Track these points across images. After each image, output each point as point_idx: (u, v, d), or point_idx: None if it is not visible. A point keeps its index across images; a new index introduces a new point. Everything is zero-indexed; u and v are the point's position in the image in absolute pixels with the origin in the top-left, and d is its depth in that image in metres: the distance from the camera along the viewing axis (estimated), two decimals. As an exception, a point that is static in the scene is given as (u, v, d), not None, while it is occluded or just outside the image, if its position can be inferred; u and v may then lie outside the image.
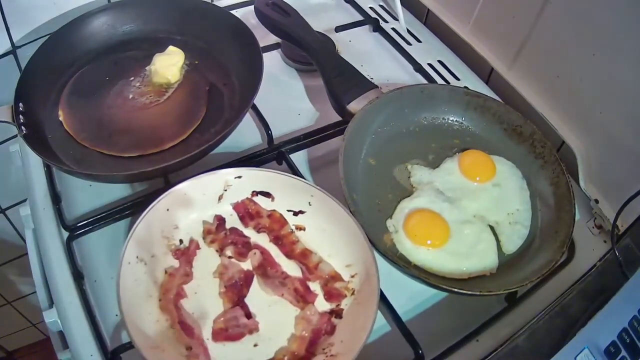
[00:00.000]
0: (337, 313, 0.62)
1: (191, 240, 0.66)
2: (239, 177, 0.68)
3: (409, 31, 1.05)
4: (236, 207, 0.69)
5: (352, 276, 0.64)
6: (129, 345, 0.57)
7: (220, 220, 0.68)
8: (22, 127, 0.68)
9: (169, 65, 0.80)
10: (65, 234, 0.68)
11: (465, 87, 0.91)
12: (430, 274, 0.65)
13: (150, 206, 0.62)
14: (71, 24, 0.81)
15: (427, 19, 1.10)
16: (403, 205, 0.72)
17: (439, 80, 0.95)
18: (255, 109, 0.80)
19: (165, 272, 0.63)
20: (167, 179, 0.72)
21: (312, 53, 0.83)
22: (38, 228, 0.71)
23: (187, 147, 0.75)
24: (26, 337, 1.52)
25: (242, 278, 0.64)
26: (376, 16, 1.07)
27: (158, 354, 0.55)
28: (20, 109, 0.70)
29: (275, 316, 0.62)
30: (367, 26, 1.05)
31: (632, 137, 0.72)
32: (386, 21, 1.07)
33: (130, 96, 0.78)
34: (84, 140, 0.73)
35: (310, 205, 0.68)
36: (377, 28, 1.04)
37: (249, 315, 0.61)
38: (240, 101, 0.80)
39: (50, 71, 0.79)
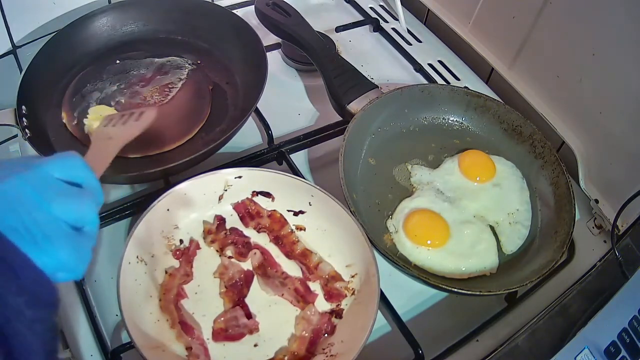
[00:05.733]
0: (337, 313, 0.62)
1: (191, 240, 0.66)
2: (239, 177, 0.68)
3: (409, 31, 1.05)
4: (236, 207, 0.69)
5: (352, 276, 0.64)
6: (129, 345, 0.57)
7: (220, 220, 0.68)
8: (26, 130, 0.68)
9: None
10: (66, 234, 0.68)
11: (466, 87, 0.91)
12: (430, 274, 0.65)
13: (151, 206, 0.62)
14: (72, 26, 0.81)
15: (427, 19, 1.10)
16: (403, 205, 0.72)
17: (439, 80, 0.95)
18: (255, 109, 0.80)
19: (166, 272, 0.63)
20: (167, 179, 0.72)
21: (312, 53, 0.83)
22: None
23: (192, 147, 0.74)
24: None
25: (243, 278, 0.64)
26: (376, 16, 1.07)
27: (158, 354, 0.55)
28: (23, 111, 0.70)
29: (276, 316, 0.62)
30: (367, 26, 1.05)
31: (632, 137, 0.72)
32: (386, 21, 1.07)
33: (133, 97, 0.78)
34: (88, 141, 0.73)
35: (310, 205, 0.68)
36: (378, 28, 1.04)
37: (249, 315, 0.61)
38: (244, 100, 0.81)
39: (52, 73, 0.79)
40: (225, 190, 0.68)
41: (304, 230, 0.69)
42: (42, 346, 0.36)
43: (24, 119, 0.69)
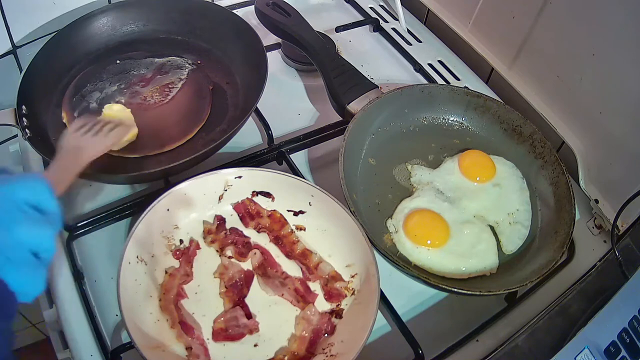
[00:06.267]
0: (337, 313, 0.62)
1: (191, 240, 0.66)
2: (239, 177, 0.68)
3: (409, 31, 1.05)
4: (236, 207, 0.69)
5: (352, 276, 0.64)
6: (129, 345, 0.57)
7: (220, 220, 0.68)
8: (26, 130, 0.68)
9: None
10: (66, 234, 0.68)
11: (466, 87, 0.91)
12: (430, 274, 0.65)
13: (151, 206, 0.62)
14: (72, 26, 0.81)
15: (427, 19, 1.10)
16: (403, 205, 0.72)
17: (439, 80, 0.95)
18: (255, 109, 0.80)
19: (166, 272, 0.63)
20: (167, 179, 0.72)
21: (313, 53, 0.83)
22: (38, 228, 0.71)
23: (192, 147, 0.74)
24: (26, 337, 1.52)
25: (243, 278, 0.64)
26: (376, 16, 1.07)
27: (158, 354, 0.55)
28: (24, 111, 0.70)
29: (276, 316, 0.62)
30: (367, 26, 1.05)
31: (632, 137, 0.72)
32: (386, 21, 1.07)
33: (133, 97, 0.78)
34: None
35: (310, 205, 0.68)
36: (378, 28, 1.04)
37: (249, 315, 0.61)
38: (244, 100, 0.81)
39: (52, 73, 0.79)
40: (225, 190, 0.68)
41: (304, 230, 0.69)
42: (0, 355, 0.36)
43: (24, 119, 0.69)
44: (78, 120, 0.63)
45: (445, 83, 0.94)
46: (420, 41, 1.03)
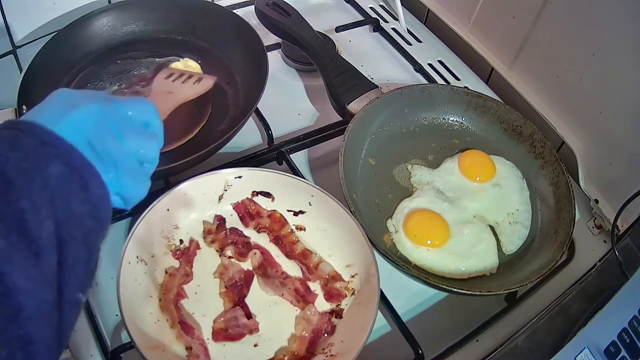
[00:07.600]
0: (337, 313, 0.62)
1: (191, 240, 0.66)
2: (239, 177, 0.68)
3: (409, 31, 1.05)
4: (236, 207, 0.69)
5: (352, 276, 0.64)
6: (129, 345, 0.57)
7: (220, 220, 0.68)
8: None
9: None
10: (66, 234, 0.68)
11: (466, 87, 0.91)
12: (430, 274, 0.65)
13: (151, 206, 0.62)
14: (72, 26, 0.81)
15: (427, 19, 1.10)
16: (403, 205, 0.72)
17: (439, 80, 0.95)
18: (255, 109, 0.80)
19: (166, 272, 0.63)
20: (167, 179, 0.72)
21: (313, 53, 0.83)
22: (38, 228, 0.71)
23: (192, 147, 0.74)
24: (26, 337, 1.52)
25: (243, 278, 0.64)
26: (376, 16, 1.07)
27: (158, 354, 0.55)
28: (24, 111, 0.70)
29: (276, 316, 0.62)
30: (367, 26, 1.05)
31: (632, 137, 0.72)
32: (386, 21, 1.07)
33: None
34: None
35: (310, 205, 0.68)
36: (378, 28, 1.04)
37: (249, 315, 0.61)
38: (245, 100, 0.80)
39: (52, 73, 0.78)
40: (225, 190, 0.68)
41: (304, 230, 0.69)
42: (87, 263, 0.37)
43: (24, 118, 0.69)
44: (166, 69, 0.68)
45: (445, 83, 0.94)
46: (420, 41, 1.03)
